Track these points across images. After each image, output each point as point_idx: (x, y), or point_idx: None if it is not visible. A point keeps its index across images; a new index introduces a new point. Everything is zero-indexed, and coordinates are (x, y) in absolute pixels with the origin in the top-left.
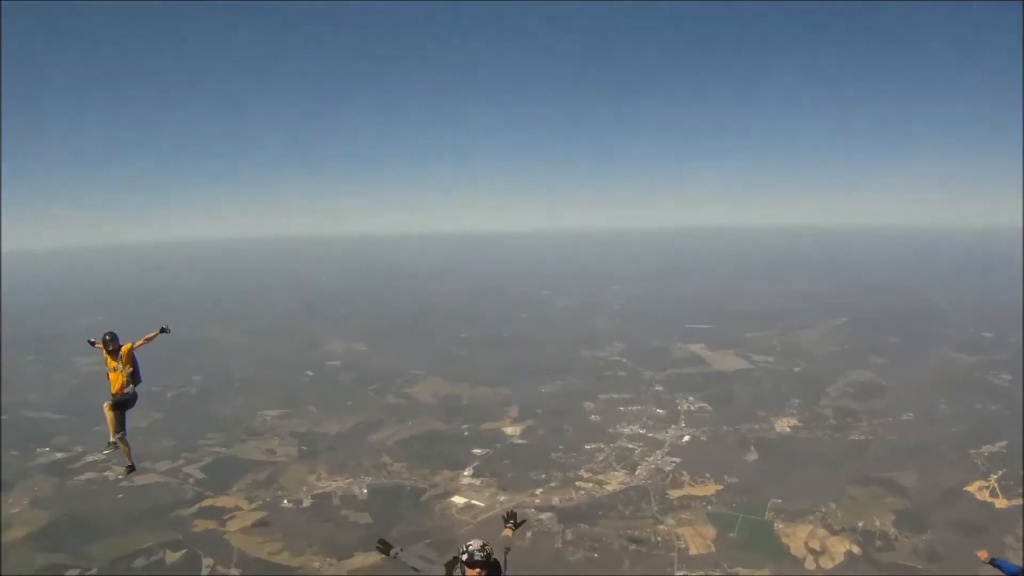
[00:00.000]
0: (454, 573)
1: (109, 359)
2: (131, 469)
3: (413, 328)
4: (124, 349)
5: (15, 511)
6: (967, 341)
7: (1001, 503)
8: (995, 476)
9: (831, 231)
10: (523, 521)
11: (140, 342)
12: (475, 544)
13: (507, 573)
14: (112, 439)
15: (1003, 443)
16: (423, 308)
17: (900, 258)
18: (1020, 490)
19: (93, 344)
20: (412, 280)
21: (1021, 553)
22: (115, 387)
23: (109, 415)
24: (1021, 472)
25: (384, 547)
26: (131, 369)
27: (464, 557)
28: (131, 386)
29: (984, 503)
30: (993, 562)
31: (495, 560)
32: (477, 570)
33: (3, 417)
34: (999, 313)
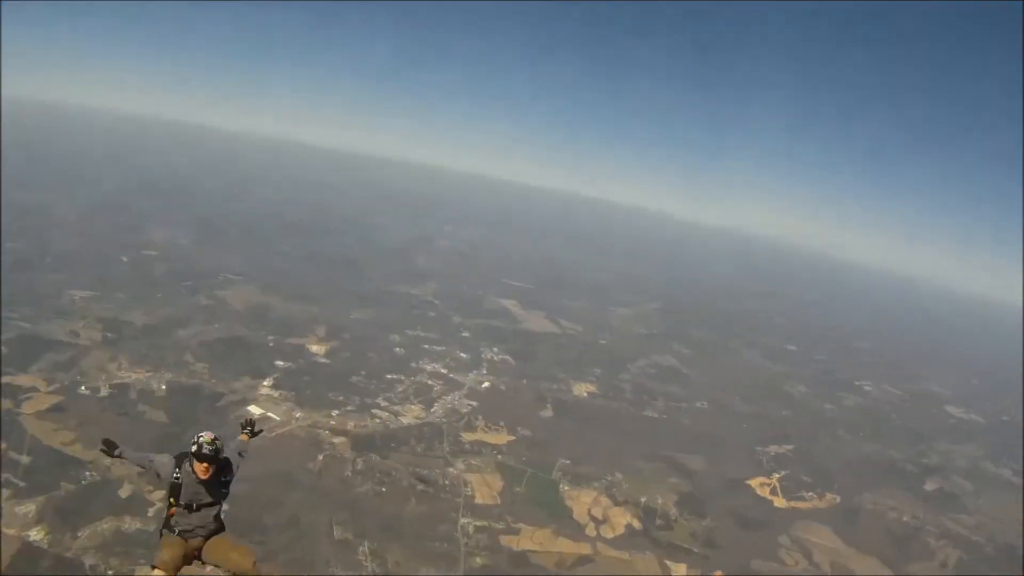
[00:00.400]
0: (183, 466)
1: None
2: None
3: (241, 231)
4: None
5: None
6: (773, 350)
7: (780, 502)
8: (777, 476)
9: (682, 222)
10: (260, 431)
11: None
12: (206, 436)
13: (236, 476)
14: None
15: (790, 447)
16: (257, 212)
17: (731, 260)
18: (799, 493)
19: None
20: (254, 183)
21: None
22: None
23: None
24: (802, 477)
25: (108, 448)
26: None
27: (193, 448)
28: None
29: (764, 499)
30: None
31: (225, 458)
32: (205, 464)
33: None
34: (806, 330)
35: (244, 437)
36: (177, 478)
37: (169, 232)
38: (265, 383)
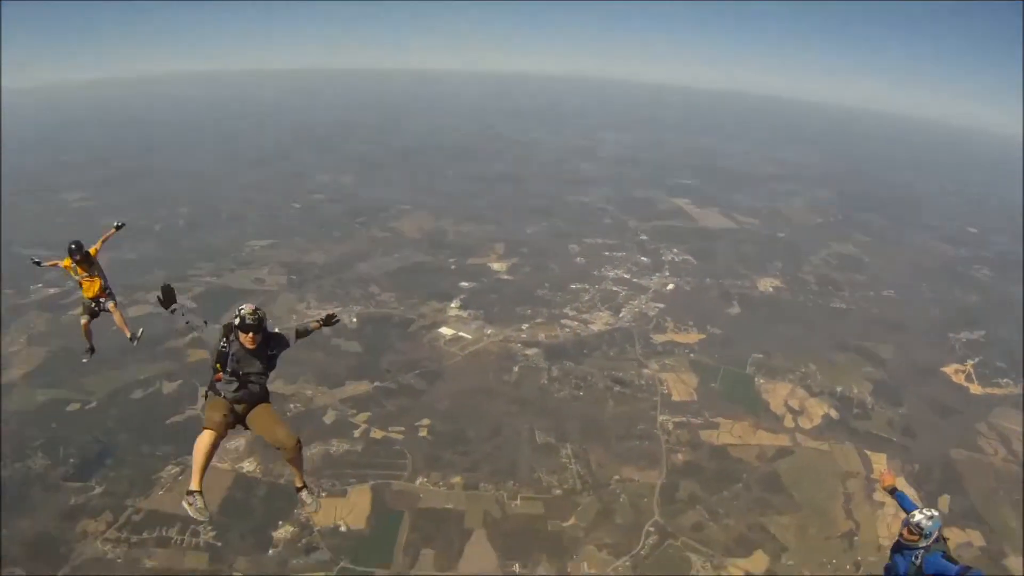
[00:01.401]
0: (230, 336)
1: (79, 268)
2: (92, 351)
3: (402, 163)
4: (92, 252)
5: (13, 349)
6: (952, 234)
7: (976, 389)
8: (971, 362)
9: (835, 107)
10: (336, 321)
11: (98, 244)
12: (247, 308)
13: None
14: (89, 345)
15: (981, 332)
16: (413, 143)
17: (896, 143)
18: (994, 380)
19: (39, 264)
20: (405, 116)
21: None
22: (91, 293)
23: (85, 325)
24: (996, 363)
25: (167, 299)
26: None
27: (236, 321)
28: (108, 290)
29: (959, 386)
30: (894, 492)
31: (275, 332)
32: (251, 334)
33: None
34: (986, 212)
35: (315, 325)
36: (224, 346)
37: (334, 175)
38: (452, 304)
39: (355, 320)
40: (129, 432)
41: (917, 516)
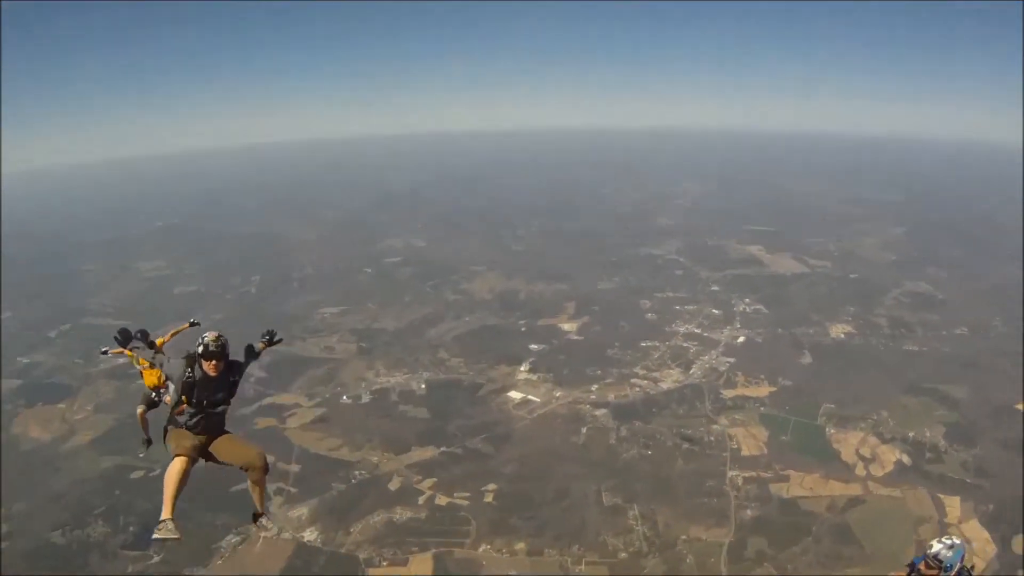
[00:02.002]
0: (193, 367)
1: (141, 358)
2: (149, 443)
3: (473, 224)
4: (159, 343)
5: (79, 417)
6: None
7: None
8: None
9: (893, 140)
10: (279, 340)
11: (167, 337)
12: (210, 335)
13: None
14: (146, 436)
15: None
16: (484, 204)
17: (960, 169)
18: None
19: (106, 353)
20: (475, 176)
21: None
22: (151, 382)
23: (142, 415)
24: None
25: (123, 338)
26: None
27: (200, 349)
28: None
29: None
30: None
31: (234, 360)
32: (213, 362)
33: (65, 326)
34: None
35: (261, 345)
36: (190, 376)
37: (406, 238)
38: (522, 368)
39: (423, 386)
40: (191, 501)
41: (936, 546)
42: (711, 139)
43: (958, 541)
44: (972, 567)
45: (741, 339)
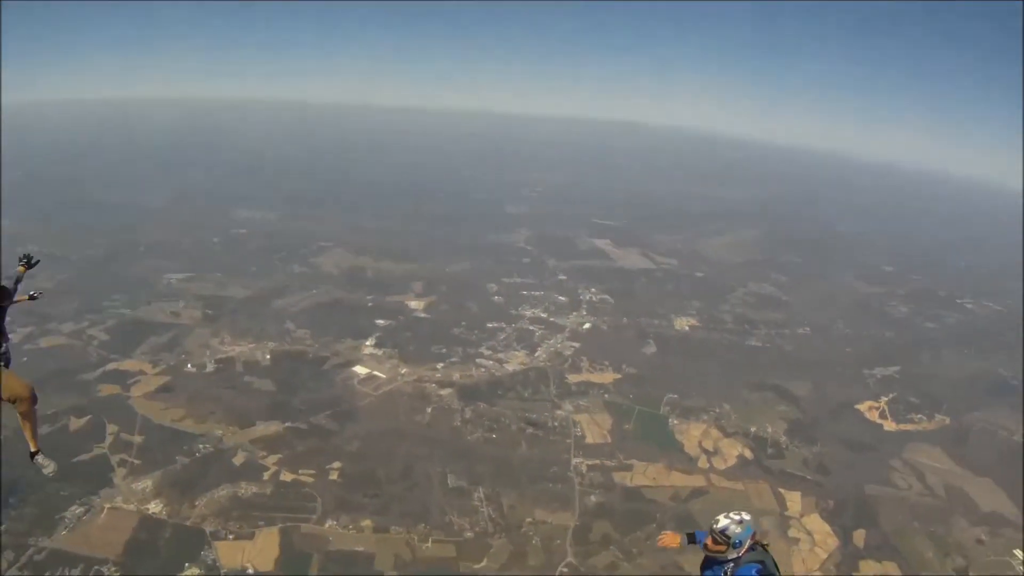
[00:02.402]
0: None
1: None
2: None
3: (325, 199)
4: None
5: None
6: (869, 272)
7: (890, 425)
8: (885, 399)
9: (765, 146)
10: (37, 262)
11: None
12: None
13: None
14: None
15: (895, 368)
16: (338, 180)
17: (822, 182)
18: (908, 415)
19: None
20: (333, 151)
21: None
22: None
23: None
24: (910, 398)
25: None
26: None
27: None
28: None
29: (873, 423)
30: (693, 541)
31: (3, 287)
32: None
33: None
34: (902, 251)
35: (21, 269)
36: None
37: (255, 211)
38: (368, 343)
39: (268, 357)
40: (34, 469)
41: (723, 521)
42: (584, 128)
43: (747, 517)
44: (767, 544)
45: (587, 326)
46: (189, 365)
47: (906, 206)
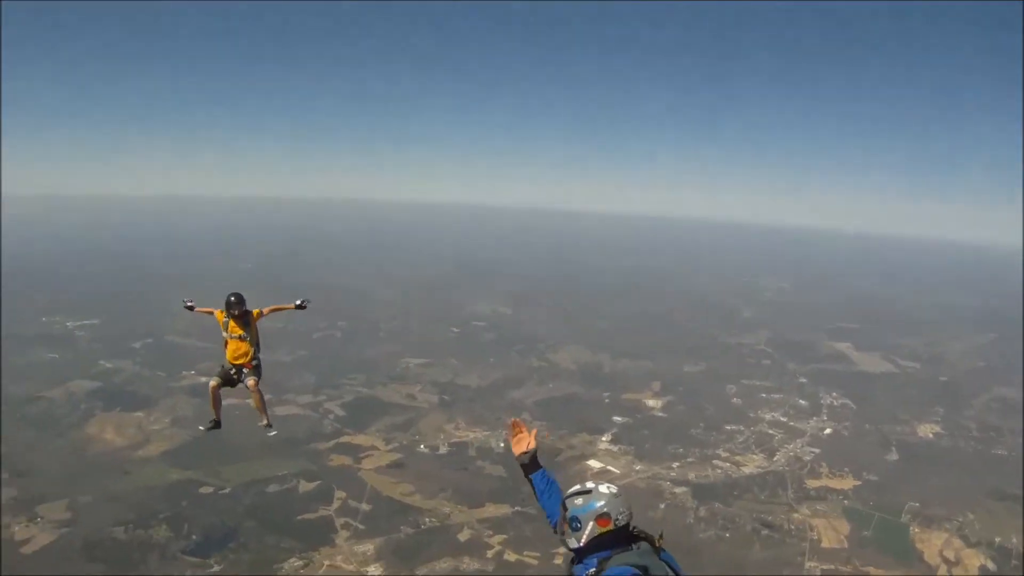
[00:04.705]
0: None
1: (232, 324)
2: (218, 425)
3: (560, 298)
4: (254, 314)
5: (156, 428)
6: None
7: None
8: None
9: (985, 248)
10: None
11: (269, 309)
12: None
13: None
14: (216, 417)
15: None
16: (571, 280)
17: None
18: None
19: (191, 308)
20: (566, 253)
21: None
22: (238, 358)
23: (214, 389)
24: None
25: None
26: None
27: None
28: (258, 356)
29: None
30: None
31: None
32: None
33: (148, 340)
34: None
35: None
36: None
37: (493, 304)
38: (603, 438)
39: (502, 445)
40: (257, 521)
41: (572, 489)
42: (775, 234)
43: (605, 489)
44: (660, 538)
45: (827, 431)
46: (422, 446)
47: None
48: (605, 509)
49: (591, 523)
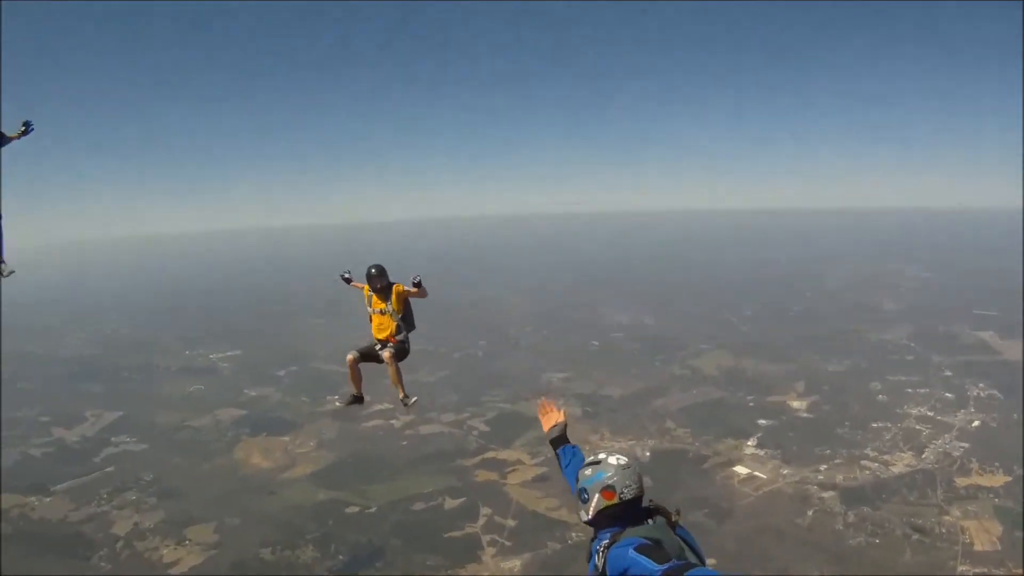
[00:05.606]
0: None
1: (375, 299)
2: (358, 400)
3: (696, 302)
4: (397, 288)
5: (301, 451)
6: None
7: None
8: None
9: None
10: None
11: (412, 288)
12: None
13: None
14: (357, 392)
15: None
16: (704, 283)
17: None
18: None
19: (348, 281)
20: (692, 255)
21: None
22: (382, 333)
23: (352, 363)
24: None
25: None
26: (403, 313)
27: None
28: (403, 333)
29: None
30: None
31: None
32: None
33: (293, 368)
34: None
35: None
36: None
37: (629, 314)
38: (749, 443)
39: (648, 454)
40: (403, 540)
41: (588, 459)
42: (906, 218)
43: (615, 461)
44: (678, 516)
45: (975, 424)
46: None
47: None
48: (610, 481)
49: (596, 495)
